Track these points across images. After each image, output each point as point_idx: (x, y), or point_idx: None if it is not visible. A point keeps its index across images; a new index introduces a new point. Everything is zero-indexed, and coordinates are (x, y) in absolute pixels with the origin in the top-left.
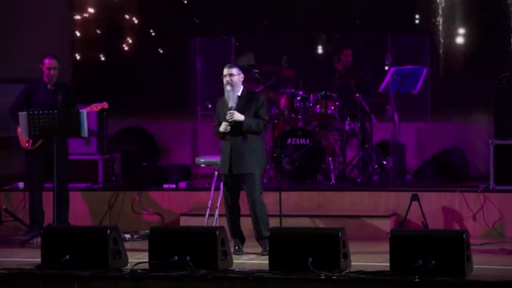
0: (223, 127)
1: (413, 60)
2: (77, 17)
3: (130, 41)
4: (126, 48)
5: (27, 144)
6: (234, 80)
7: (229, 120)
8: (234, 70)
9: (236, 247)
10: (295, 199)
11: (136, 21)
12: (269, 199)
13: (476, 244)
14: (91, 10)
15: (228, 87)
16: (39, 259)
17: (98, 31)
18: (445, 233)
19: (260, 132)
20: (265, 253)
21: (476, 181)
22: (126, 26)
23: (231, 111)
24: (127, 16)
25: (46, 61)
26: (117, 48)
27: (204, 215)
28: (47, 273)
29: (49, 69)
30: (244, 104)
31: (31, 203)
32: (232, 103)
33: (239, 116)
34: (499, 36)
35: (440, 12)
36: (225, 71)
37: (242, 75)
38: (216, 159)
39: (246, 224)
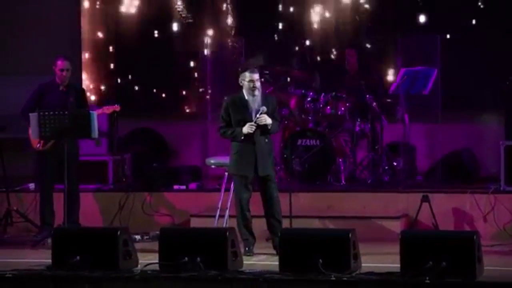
0: (249, 128)
1: (423, 61)
2: (86, 18)
3: (140, 42)
4: (135, 50)
5: (38, 145)
6: (259, 84)
7: (260, 124)
8: (257, 75)
9: (247, 248)
10: (305, 200)
11: (144, 22)
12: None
13: (487, 245)
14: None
15: (256, 92)
16: (50, 260)
17: (107, 32)
18: (455, 235)
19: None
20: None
21: (487, 182)
22: (136, 27)
23: (264, 114)
24: (136, 16)
25: (59, 62)
26: (127, 50)
27: (214, 216)
28: (57, 274)
29: (62, 70)
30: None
31: (41, 204)
32: (262, 106)
33: (269, 120)
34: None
35: (450, 12)
36: (250, 76)
37: None
38: (226, 160)
39: (257, 225)
